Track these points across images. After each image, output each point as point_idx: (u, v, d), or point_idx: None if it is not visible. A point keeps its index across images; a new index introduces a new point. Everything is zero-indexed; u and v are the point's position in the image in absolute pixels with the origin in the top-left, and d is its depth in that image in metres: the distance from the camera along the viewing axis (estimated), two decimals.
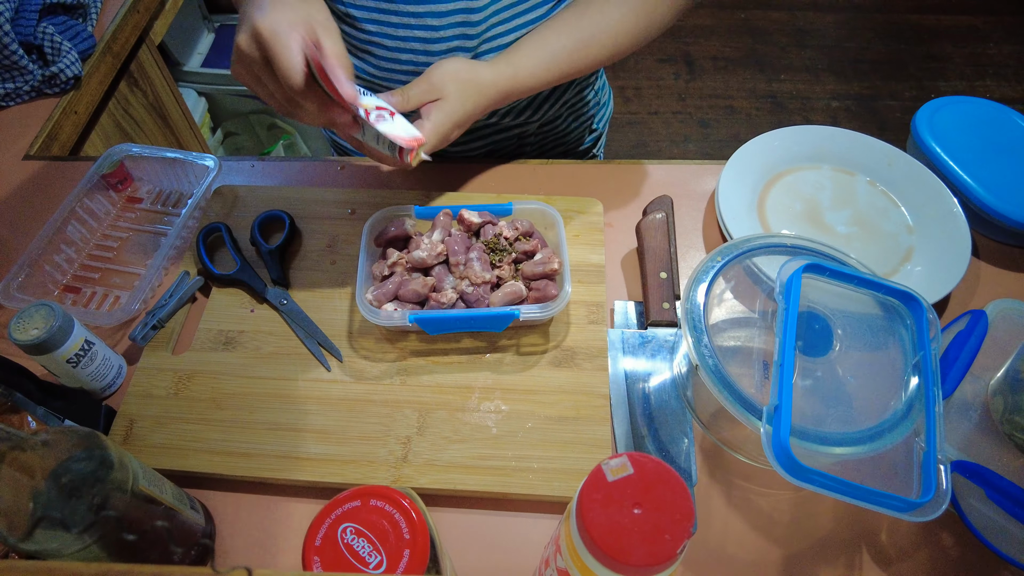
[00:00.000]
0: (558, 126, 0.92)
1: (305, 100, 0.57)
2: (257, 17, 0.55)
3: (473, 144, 0.88)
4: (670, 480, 0.39)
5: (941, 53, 2.52)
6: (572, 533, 0.40)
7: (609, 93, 1.01)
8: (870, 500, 0.47)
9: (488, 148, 0.89)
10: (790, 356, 0.51)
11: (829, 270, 0.57)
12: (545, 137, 0.92)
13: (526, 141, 0.91)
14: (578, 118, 0.94)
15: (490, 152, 0.90)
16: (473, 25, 0.73)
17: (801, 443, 0.50)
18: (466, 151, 0.89)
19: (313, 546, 0.39)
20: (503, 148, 0.90)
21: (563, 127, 0.92)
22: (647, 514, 0.38)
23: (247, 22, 0.56)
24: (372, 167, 0.84)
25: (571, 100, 0.90)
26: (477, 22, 0.73)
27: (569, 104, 0.90)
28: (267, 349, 0.67)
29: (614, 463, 0.40)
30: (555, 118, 0.90)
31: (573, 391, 0.63)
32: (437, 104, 0.65)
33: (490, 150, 0.90)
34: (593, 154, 1.02)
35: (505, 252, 0.68)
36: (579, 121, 0.94)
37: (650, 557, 0.37)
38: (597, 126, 0.99)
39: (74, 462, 0.43)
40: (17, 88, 0.94)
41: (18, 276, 0.69)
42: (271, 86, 0.58)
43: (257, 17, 0.55)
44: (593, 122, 0.98)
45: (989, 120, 0.82)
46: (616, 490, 0.39)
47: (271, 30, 0.54)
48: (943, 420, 0.51)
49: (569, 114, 0.91)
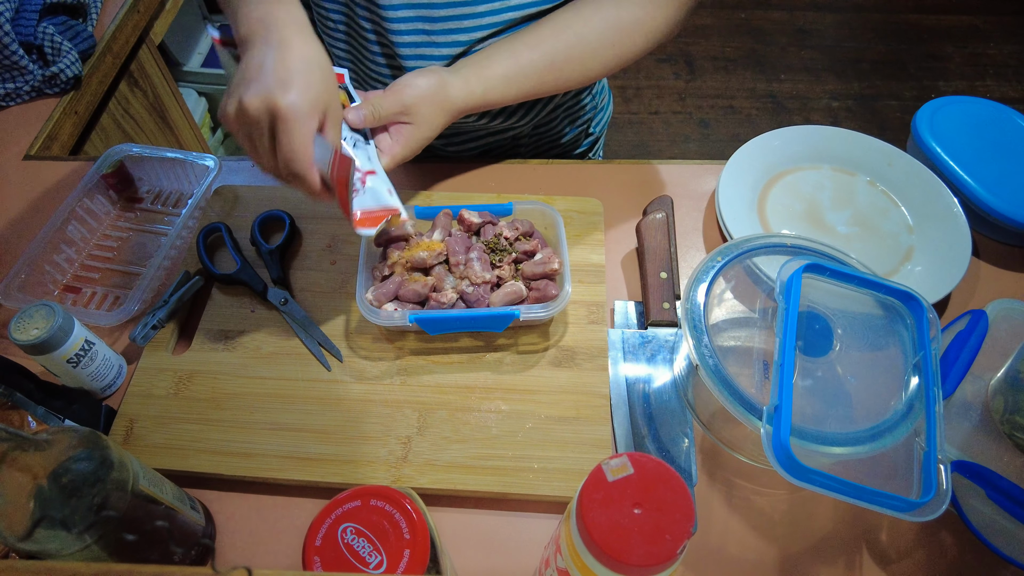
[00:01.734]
0: (552, 128, 0.91)
1: (299, 185, 0.56)
2: (278, 93, 0.52)
3: (468, 145, 0.88)
4: (670, 480, 0.40)
5: (941, 53, 2.52)
6: (572, 533, 0.40)
7: (609, 97, 1.00)
8: (870, 500, 0.47)
9: (482, 149, 0.89)
10: (790, 356, 0.51)
11: (829, 270, 0.57)
12: (540, 139, 0.92)
13: (520, 142, 0.90)
14: (574, 121, 0.93)
15: (484, 153, 0.90)
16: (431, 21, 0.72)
17: (801, 443, 0.50)
18: (461, 152, 0.89)
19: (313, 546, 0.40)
20: (497, 148, 0.90)
21: (558, 129, 0.92)
22: (647, 514, 0.38)
23: (261, 84, 0.52)
24: None
25: (567, 103, 0.89)
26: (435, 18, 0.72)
27: (565, 107, 0.90)
28: (267, 349, 0.67)
29: (614, 463, 0.40)
30: (549, 120, 0.89)
31: (573, 391, 0.63)
32: (408, 128, 0.64)
33: (484, 151, 0.90)
34: (590, 157, 1.02)
35: (505, 252, 0.68)
36: (575, 125, 0.94)
37: (650, 557, 0.37)
38: (594, 130, 0.99)
39: (74, 462, 0.43)
40: (17, 88, 0.94)
41: (18, 276, 0.69)
42: (266, 156, 0.56)
43: (278, 93, 0.52)
44: (590, 126, 0.97)
45: (989, 120, 0.82)
46: (616, 490, 0.39)
47: (293, 114, 0.52)
48: (943, 420, 0.51)
49: (564, 116, 0.91)
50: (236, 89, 0.54)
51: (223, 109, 0.56)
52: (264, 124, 0.54)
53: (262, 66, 0.54)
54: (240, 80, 0.54)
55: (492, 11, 0.71)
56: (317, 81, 0.55)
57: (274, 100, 0.52)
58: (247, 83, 0.53)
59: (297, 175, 0.55)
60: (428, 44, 0.73)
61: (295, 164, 0.54)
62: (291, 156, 0.54)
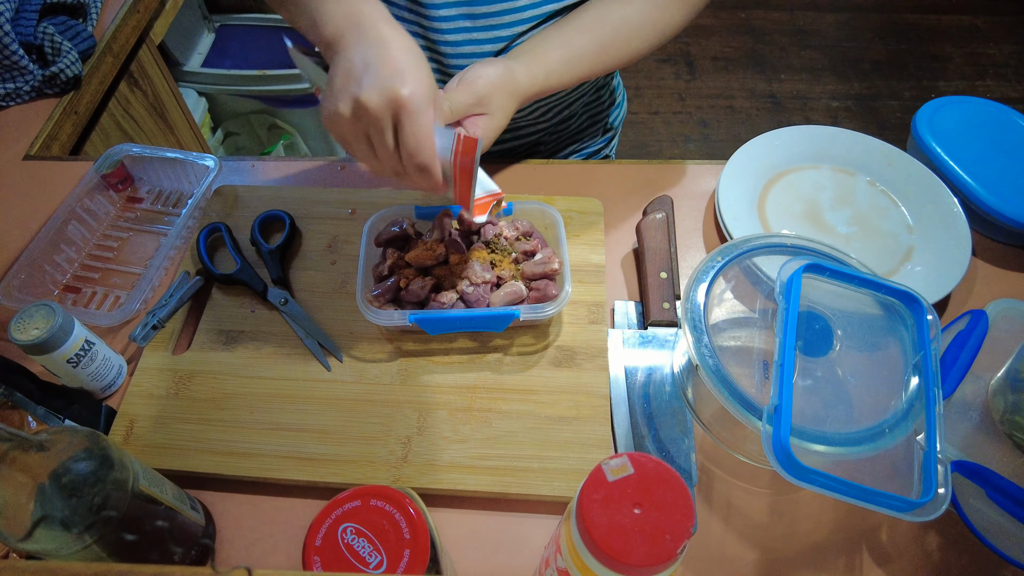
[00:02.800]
0: (571, 125, 0.91)
1: (423, 178, 0.55)
2: (397, 84, 0.51)
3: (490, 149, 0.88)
4: (670, 480, 0.40)
5: (941, 53, 2.51)
6: (572, 533, 0.40)
7: (623, 94, 1.01)
8: (870, 500, 0.47)
9: (502, 153, 0.89)
10: (790, 356, 0.51)
11: (829, 270, 0.57)
12: (560, 136, 0.92)
13: (540, 140, 0.90)
14: (592, 116, 0.94)
15: (505, 155, 0.90)
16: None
17: (800, 443, 0.50)
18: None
19: (313, 546, 0.40)
20: (517, 150, 0.90)
21: (576, 126, 0.92)
22: (647, 514, 0.38)
23: (375, 79, 0.51)
24: None
25: (587, 99, 0.90)
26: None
27: (585, 103, 0.90)
28: (267, 349, 0.67)
29: (614, 463, 0.40)
30: (570, 117, 0.90)
31: (573, 391, 0.63)
32: (483, 120, 0.62)
33: (503, 154, 0.89)
34: (606, 154, 1.02)
35: (505, 252, 0.68)
36: (594, 123, 0.94)
37: (651, 557, 0.37)
38: (613, 123, 0.99)
39: (74, 462, 0.43)
40: (17, 88, 0.94)
41: (18, 276, 0.69)
42: (387, 154, 0.54)
43: (397, 84, 0.51)
44: (607, 121, 0.98)
45: (989, 120, 0.82)
46: (616, 490, 0.39)
47: (416, 104, 0.51)
48: (943, 420, 0.51)
49: (584, 112, 0.91)
50: (345, 89, 0.52)
51: (331, 112, 0.53)
52: (386, 119, 0.52)
53: (368, 62, 0.52)
54: (347, 79, 0.52)
55: (533, 4, 0.72)
56: (426, 70, 0.54)
57: (395, 91, 0.51)
58: (357, 80, 0.52)
59: (423, 166, 0.53)
60: (470, 42, 0.74)
61: (422, 155, 0.52)
62: (418, 147, 0.52)
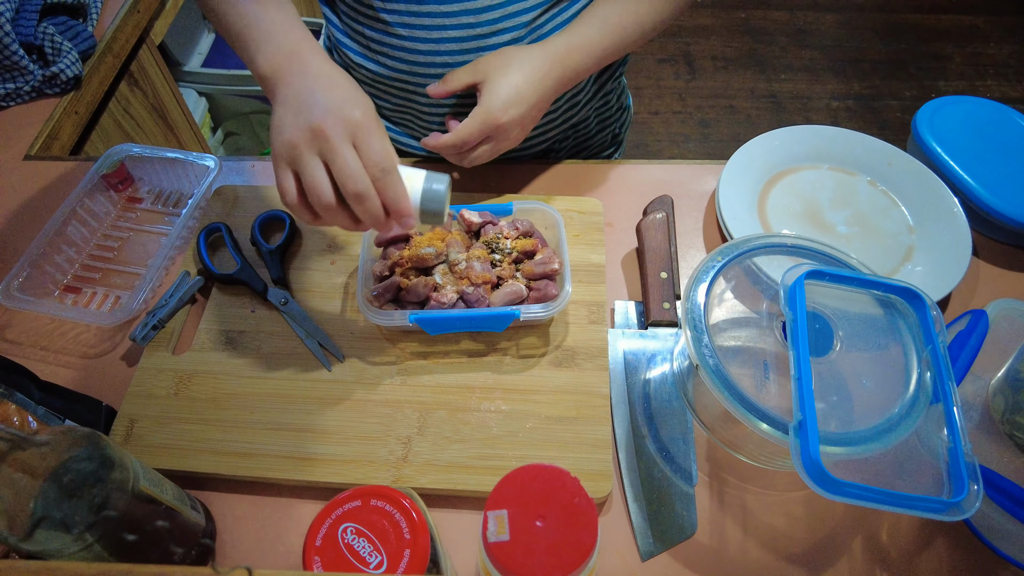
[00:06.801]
0: (580, 131, 0.91)
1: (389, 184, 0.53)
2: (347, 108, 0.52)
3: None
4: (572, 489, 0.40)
5: (941, 53, 2.52)
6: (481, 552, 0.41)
7: (629, 98, 1.01)
8: (907, 506, 0.46)
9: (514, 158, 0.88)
10: (807, 368, 0.50)
11: (830, 275, 0.57)
12: (569, 144, 0.92)
13: (551, 148, 0.90)
14: (602, 123, 0.93)
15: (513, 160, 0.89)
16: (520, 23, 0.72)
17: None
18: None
19: (313, 546, 0.40)
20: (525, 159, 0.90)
21: (585, 131, 0.92)
22: (549, 528, 0.39)
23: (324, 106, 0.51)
24: None
25: (596, 104, 0.89)
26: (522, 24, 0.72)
27: (595, 109, 0.90)
28: (267, 349, 0.67)
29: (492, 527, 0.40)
30: (580, 122, 0.89)
31: (573, 391, 0.63)
32: (481, 87, 0.63)
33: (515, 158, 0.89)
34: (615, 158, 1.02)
35: (505, 252, 0.68)
36: (604, 126, 0.94)
37: (555, 570, 0.38)
38: (620, 131, 0.99)
39: (75, 462, 0.43)
40: (17, 88, 0.94)
41: (19, 276, 0.69)
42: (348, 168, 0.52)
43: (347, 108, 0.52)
44: (615, 127, 0.97)
45: (989, 120, 0.82)
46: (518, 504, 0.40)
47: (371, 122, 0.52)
48: (963, 412, 0.50)
49: (594, 117, 0.91)
50: (296, 117, 0.52)
51: (283, 138, 0.52)
52: (342, 136, 0.51)
53: (315, 92, 0.52)
54: (296, 109, 0.52)
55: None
56: (370, 103, 0.54)
57: (349, 113, 0.51)
58: (307, 109, 0.52)
59: (390, 171, 0.52)
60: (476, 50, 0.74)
61: (388, 159, 0.52)
62: (384, 153, 0.52)
